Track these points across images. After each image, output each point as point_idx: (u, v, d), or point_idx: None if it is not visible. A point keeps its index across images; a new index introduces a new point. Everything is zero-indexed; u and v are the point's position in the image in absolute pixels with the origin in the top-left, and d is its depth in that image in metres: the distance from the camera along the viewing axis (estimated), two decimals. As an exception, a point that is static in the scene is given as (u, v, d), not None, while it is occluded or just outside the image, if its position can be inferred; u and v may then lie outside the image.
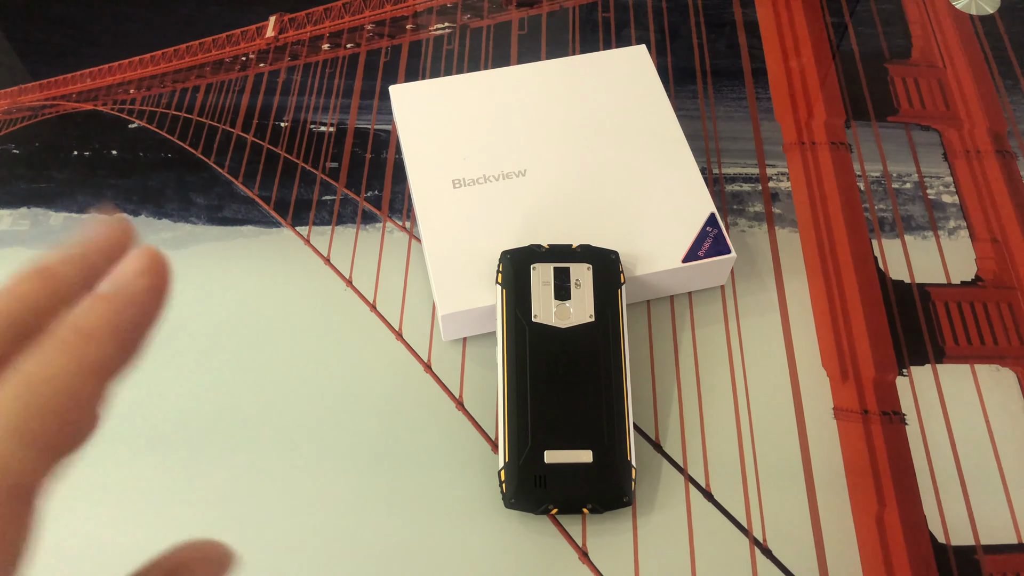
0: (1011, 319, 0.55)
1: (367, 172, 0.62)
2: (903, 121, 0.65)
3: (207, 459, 0.50)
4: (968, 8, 0.72)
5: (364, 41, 0.71)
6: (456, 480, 0.49)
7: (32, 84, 0.68)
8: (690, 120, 0.65)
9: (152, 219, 0.60)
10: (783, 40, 0.70)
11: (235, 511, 0.48)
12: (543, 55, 0.69)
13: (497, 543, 0.47)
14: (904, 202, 0.61)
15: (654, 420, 0.51)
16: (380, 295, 0.56)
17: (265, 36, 0.71)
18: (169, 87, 0.68)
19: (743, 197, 0.61)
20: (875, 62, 0.69)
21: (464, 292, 0.51)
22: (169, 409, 0.51)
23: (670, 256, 0.52)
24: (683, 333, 0.54)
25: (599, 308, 0.49)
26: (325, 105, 0.66)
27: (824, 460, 0.50)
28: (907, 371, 0.53)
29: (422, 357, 0.53)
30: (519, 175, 0.56)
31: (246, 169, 0.63)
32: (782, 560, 0.46)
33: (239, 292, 0.56)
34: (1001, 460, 0.50)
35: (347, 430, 0.51)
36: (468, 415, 0.51)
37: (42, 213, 0.61)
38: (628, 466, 0.46)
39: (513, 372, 0.48)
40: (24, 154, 0.64)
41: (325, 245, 0.59)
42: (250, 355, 0.53)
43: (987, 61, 0.69)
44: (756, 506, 0.48)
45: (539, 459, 0.46)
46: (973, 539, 0.47)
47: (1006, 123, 0.65)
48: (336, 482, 0.49)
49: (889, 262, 0.58)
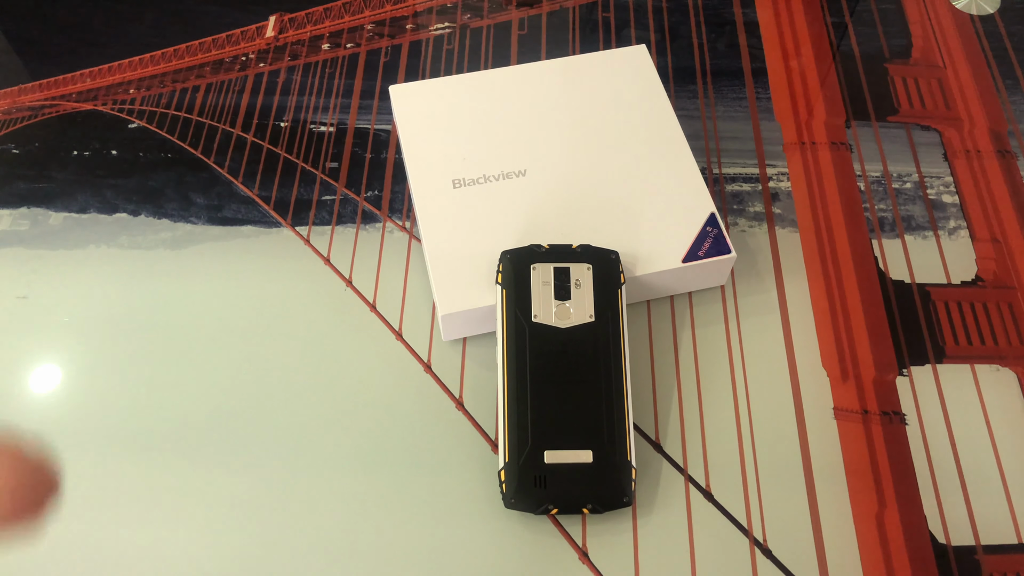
0: (1011, 319, 0.55)
1: (367, 172, 0.62)
2: (903, 121, 0.65)
3: (206, 459, 0.50)
4: (968, 8, 0.72)
5: (364, 41, 0.71)
6: (456, 480, 0.49)
7: (32, 84, 0.68)
8: (690, 120, 0.65)
9: (152, 219, 0.60)
10: (783, 40, 0.70)
11: (235, 511, 0.48)
12: (543, 55, 0.69)
13: (497, 543, 0.47)
14: (904, 202, 0.61)
15: (654, 420, 0.51)
16: (380, 295, 0.56)
17: (265, 36, 0.71)
18: (169, 87, 0.68)
19: (743, 197, 0.61)
20: (875, 62, 0.69)
21: (464, 292, 0.51)
22: (169, 409, 0.51)
23: (670, 256, 0.52)
24: (683, 333, 0.54)
25: (599, 308, 0.49)
26: (325, 105, 0.66)
27: (824, 460, 0.50)
28: (907, 371, 0.53)
29: (422, 357, 0.53)
30: (519, 175, 0.56)
31: (246, 169, 0.63)
32: (782, 560, 0.46)
33: (239, 292, 0.56)
34: (1001, 460, 0.50)
35: (347, 430, 0.51)
36: (468, 415, 0.51)
37: (42, 213, 0.61)
38: (628, 466, 0.46)
39: (513, 372, 0.48)
40: (24, 154, 0.64)
41: (325, 245, 0.59)
42: (250, 355, 0.53)
43: (987, 61, 0.69)
44: (756, 506, 0.48)
45: (539, 459, 0.46)
46: (973, 539, 0.47)
47: (1006, 123, 0.65)
48: (336, 482, 0.49)
49: (889, 262, 0.58)
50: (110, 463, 0.50)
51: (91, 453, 0.50)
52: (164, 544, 0.47)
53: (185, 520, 0.48)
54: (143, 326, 0.55)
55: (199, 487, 0.49)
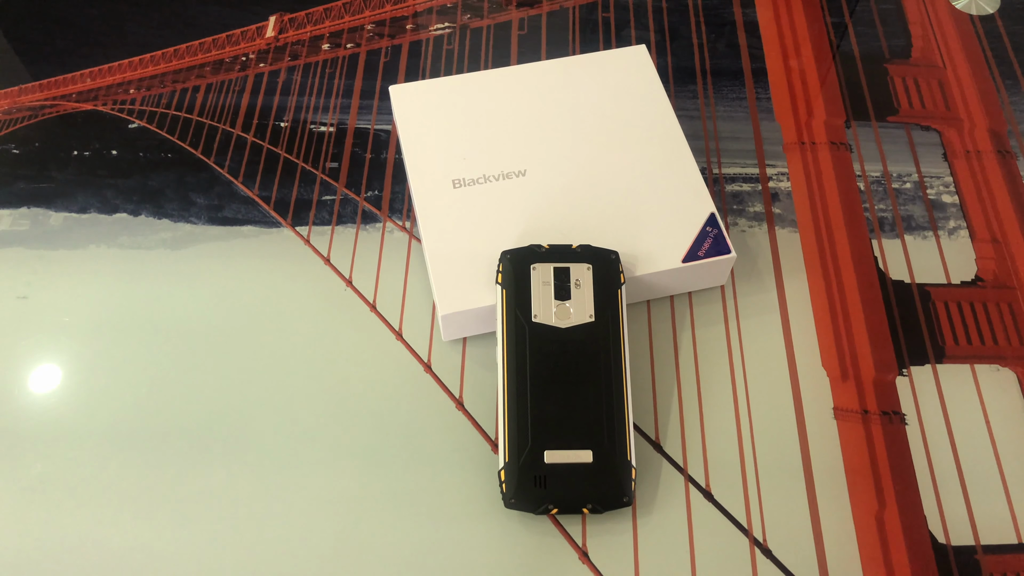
0: (1011, 319, 0.55)
1: (367, 172, 0.62)
2: (903, 121, 0.65)
3: (206, 459, 0.50)
4: (968, 8, 0.72)
5: (364, 41, 0.71)
6: (456, 480, 0.49)
7: (32, 84, 0.69)
8: (690, 120, 0.65)
9: (152, 219, 0.60)
10: (783, 40, 0.70)
11: (235, 511, 0.48)
12: (543, 55, 0.69)
13: (497, 543, 0.47)
14: (904, 202, 0.61)
15: (654, 420, 0.51)
16: (380, 295, 0.56)
17: (265, 36, 0.71)
18: (169, 87, 0.68)
19: (743, 197, 0.61)
20: (875, 62, 0.69)
21: (464, 292, 0.51)
22: (168, 409, 0.51)
23: (670, 256, 0.52)
24: (683, 333, 0.54)
25: (599, 308, 0.49)
26: (325, 105, 0.66)
27: (824, 460, 0.50)
28: (907, 371, 0.53)
29: (422, 357, 0.53)
30: (519, 175, 0.56)
31: (246, 169, 0.63)
32: (782, 560, 0.46)
33: (239, 292, 0.56)
34: (1001, 460, 0.50)
35: (347, 430, 0.51)
36: (468, 415, 0.51)
37: (42, 213, 0.61)
38: (628, 466, 0.46)
39: (513, 372, 0.48)
40: (24, 154, 0.64)
41: (325, 245, 0.59)
42: (250, 355, 0.54)
43: (987, 61, 0.69)
44: (756, 506, 0.48)
45: (539, 459, 0.46)
46: (973, 539, 0.47)
47: (1006, 123, 0.65)
48: (336, 482, 0.49)
49: (889, 262, 0.58)
50: (110, 463, 0.50)
51: (91, 453, 0.50)
52: (164, 543, 0.47)
53: (185, 520, 0.48)
54: (143, 326, 0.55)
55: (199, 487, 0.49)
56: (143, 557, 0.47)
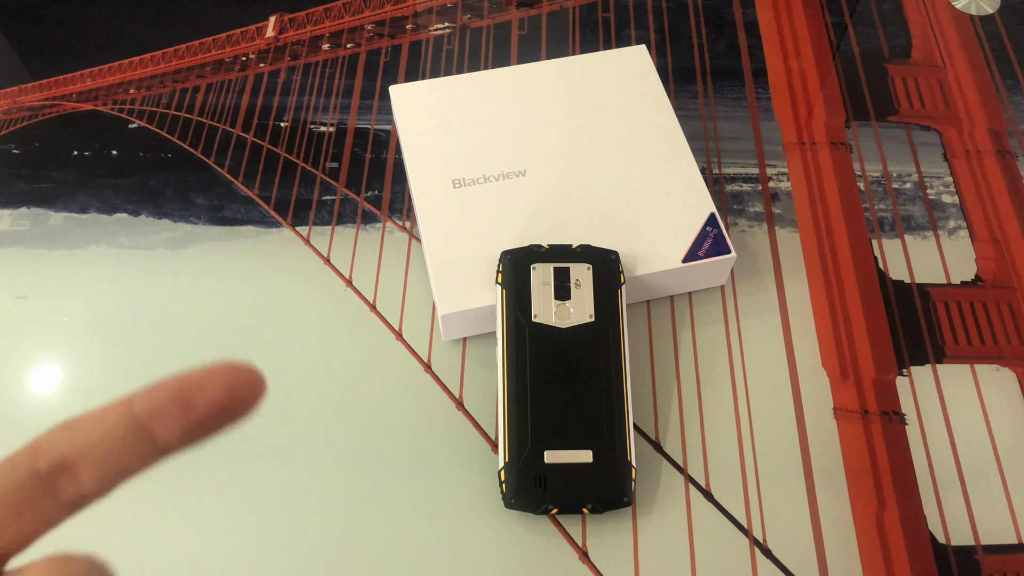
0: (1011, 319, 0.55)
1: (367, 172, 0.62)
2: (903, 121, 0.65)
3: (206, 459, 0.50)
4: (968, 8, 0.72)
5: (364, 41, 0.71)
6: (456, 480, 0.49)
7: (32, 84, 0.69)
8: (690, 120, 0.65)
9: (152, 219, 0.60)
10: (783, 40, 0.70)
11: (234, 511, 0.48)
12: (543, 55, 0.69)
13: (497, 543, 0.47)
14: (904, 202, 0.61)
15: (654, 420, 0.51)
16: (380, 295, 0.56)
17: (265, 36, 0.71)
18: (169, 87, 0.68)
19: (743, 197, 0.61)
20: (875, 62, 0.69)
21: (464, 292, 0.51)
22: (169, 409, 0.51)
23: (670, 256, 0.52)
24: (683, 333, 0.54)
25: (599, 308, 0.49)
26: (325, 105, 0.66)
27: (824, 460, 0.50)
28: (907, 371, 0.53)
29: (422, 357, 0.53)
30: (519, 175, 0.56)
31: (246, 169, 0.63)
32: (782, 560, 0.46)
33: (239, 292, 0.56)
34: (1001, 460, 0.50)
35: (347, 430, 0.51)
36: (468, 415, 0.51)
37: (42, 213, 0.61)
38: (628, 466, 0.46)
39: (513, 372, 0.48)
40: (24, 154, 0.64)
41: (325, 245, 0.59)
42: (250, 355, 0.53)
43: (987, 61, 0.69)
44: (756, 506, 0.48)
45: (539, 459, 0.46)
46: (973, 539, 0.47)
47: (1006, 123, 0.65)
48: (336, 482, 0.49)
49: (889, 262, 0.58)
50: (110, 463, 0.50)
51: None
52: (163, 543, 0.47)
53: (184, 519, 0.48)
54: (143, 326, 0.55)
55: (198, 486, 0.49)
56: (143, 557, 0.47)
